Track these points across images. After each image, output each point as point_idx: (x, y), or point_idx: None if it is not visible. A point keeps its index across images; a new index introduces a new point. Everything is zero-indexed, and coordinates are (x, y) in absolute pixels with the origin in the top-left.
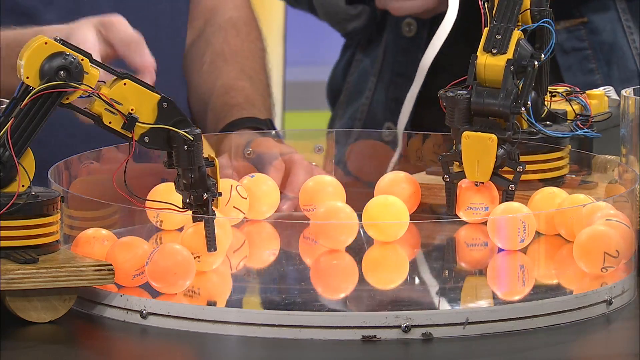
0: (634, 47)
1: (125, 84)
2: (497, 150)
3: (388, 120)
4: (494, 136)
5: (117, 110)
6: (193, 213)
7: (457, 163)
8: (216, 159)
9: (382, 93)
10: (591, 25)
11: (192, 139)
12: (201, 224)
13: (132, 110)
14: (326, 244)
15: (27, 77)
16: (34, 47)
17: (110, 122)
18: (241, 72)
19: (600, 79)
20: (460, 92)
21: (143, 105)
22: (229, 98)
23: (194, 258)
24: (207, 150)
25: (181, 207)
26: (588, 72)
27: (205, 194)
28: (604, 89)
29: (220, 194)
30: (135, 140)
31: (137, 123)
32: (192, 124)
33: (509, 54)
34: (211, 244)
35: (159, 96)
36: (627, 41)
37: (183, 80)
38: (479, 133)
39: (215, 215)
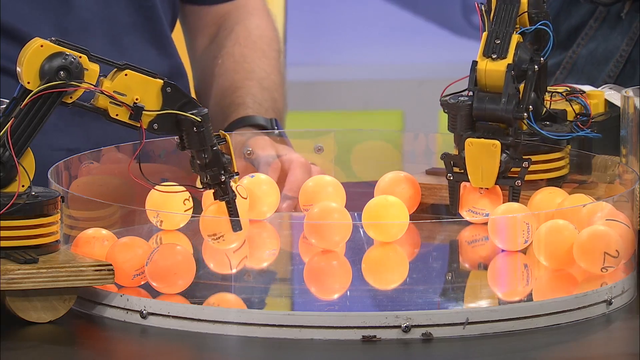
0: None
1: (126, 74)
2: (501, 155)
3: None
4: (497, 142)
5: (122, 102)
6: (214, 193)
7: (458, 168)
8: (227, 135)
9: None
10: None
11: (199, 120)
12: (221, 204)
13: (137, 99)
14: (320, 244)
15: (28, 82)
16: (31, 50)
17: (117, 115)
18: (251, 72)
19: None
20: (462, 98)
21: (147, 93)
22: (236, 97)
23: (217, 239)
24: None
25: (200, 187)
26: None
27: (223, 176)
28: (604, 87)
29: (237, 174)
30: (145, 129)
31: (143, 112)
32: (198, 105)
33: (509, 59)
34: (236, 223)
35: (162, 81)
36: None
37: None
38: (482, 139)
39: (234, 194)
